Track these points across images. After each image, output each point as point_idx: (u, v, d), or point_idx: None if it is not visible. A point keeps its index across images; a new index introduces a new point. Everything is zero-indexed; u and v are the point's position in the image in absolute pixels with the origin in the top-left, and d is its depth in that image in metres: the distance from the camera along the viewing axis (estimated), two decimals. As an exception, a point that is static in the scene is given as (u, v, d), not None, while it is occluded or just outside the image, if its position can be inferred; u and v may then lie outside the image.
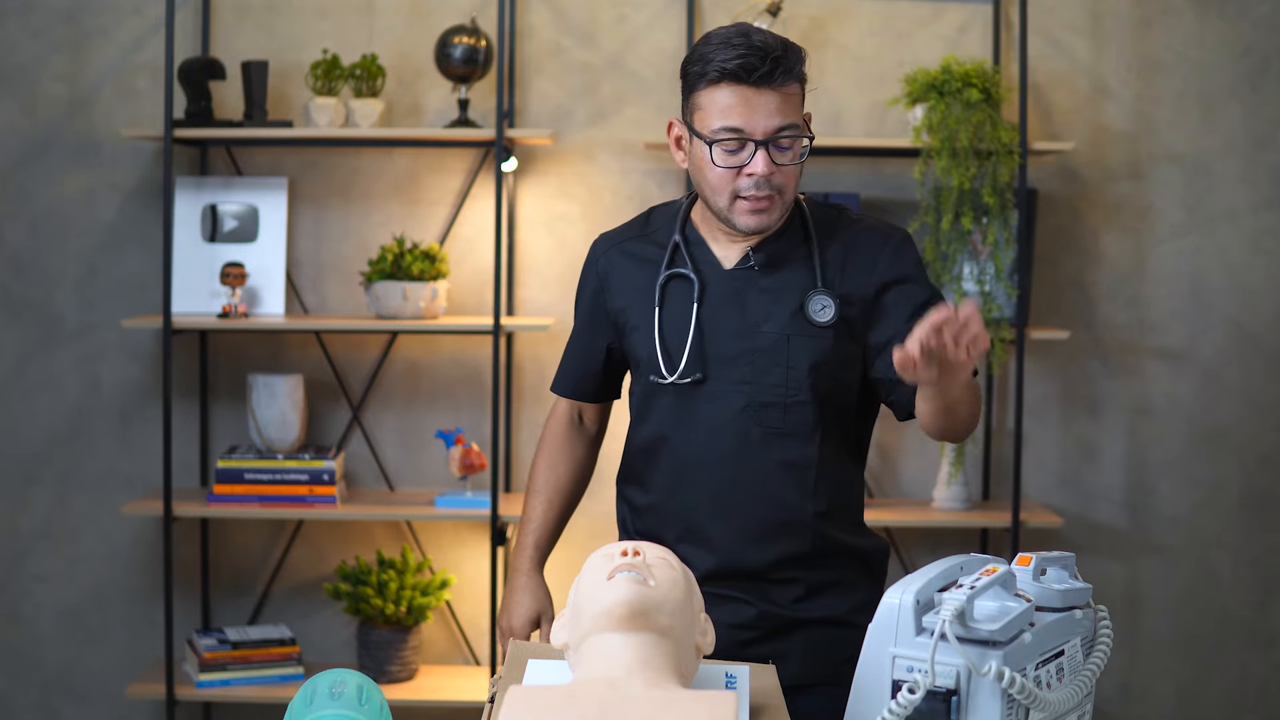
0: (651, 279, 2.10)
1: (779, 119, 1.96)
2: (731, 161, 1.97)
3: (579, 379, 2.23)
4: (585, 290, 2.20)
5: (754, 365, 2.04)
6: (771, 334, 2.03)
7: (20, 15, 3.59)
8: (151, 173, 3.61)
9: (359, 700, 1.60)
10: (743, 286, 2.06)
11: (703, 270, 2.08)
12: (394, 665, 3.48)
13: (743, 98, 1.95)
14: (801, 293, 2.04)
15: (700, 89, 1.98)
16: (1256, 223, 3.68)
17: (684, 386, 2.05)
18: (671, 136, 2.07)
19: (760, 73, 1.94)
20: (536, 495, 2.26)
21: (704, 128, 1.98)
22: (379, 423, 3.67)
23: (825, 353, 2.03)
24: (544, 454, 2.28)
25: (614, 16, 3.62)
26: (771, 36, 1.98)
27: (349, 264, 3.64)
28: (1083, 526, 3.71)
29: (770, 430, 2.04)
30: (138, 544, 3.68)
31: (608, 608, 1.44)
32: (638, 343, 2.10)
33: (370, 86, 3.49)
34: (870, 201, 3.61)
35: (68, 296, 3.64)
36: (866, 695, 1.50)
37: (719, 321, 2.05)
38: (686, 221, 2.12)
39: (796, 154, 1.99)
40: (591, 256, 2.19)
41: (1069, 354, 3.68)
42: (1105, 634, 1.62)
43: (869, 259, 2.06)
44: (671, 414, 2.07)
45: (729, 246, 2.08)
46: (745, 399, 2.04)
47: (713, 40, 1.98)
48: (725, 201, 2.00)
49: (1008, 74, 3.60)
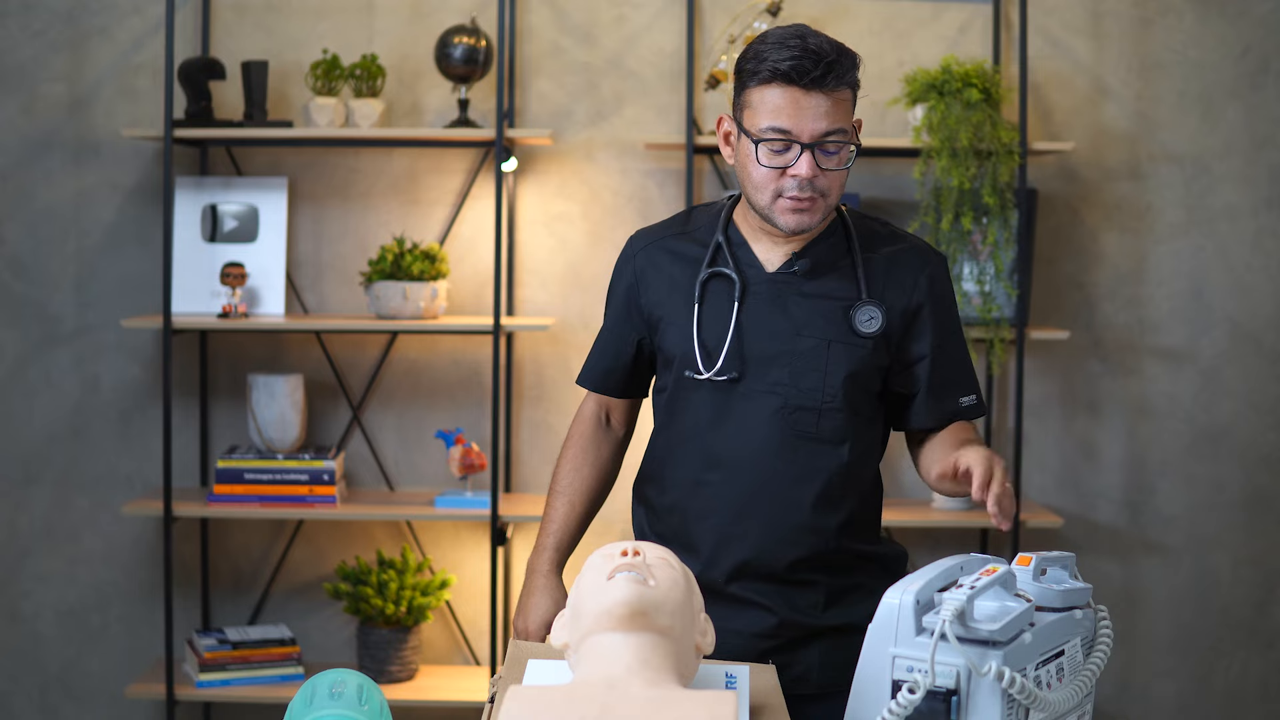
0: (691, 276, 2.10)
1: (826, 123, 1.97)
2: (777, 161, 1.98)
3: (606, 372, 2.22)
4: (619, 284, 2.19)
5: (792, 368, 2.04)
6: (812, 339, 2.05)
7: (20, 15, 3.59)
8: (151, 173, 3.61)
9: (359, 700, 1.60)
10: (785, 290, 2.07)
11: (745, 271, 2.08)
12: (394, 665, 3.48)
13: (792, 99, 1.96)
14: (843, 301, 2.06)
15: (751, 87, 1.99)
16: (1256, 223, 3.68)
17: (719, 384, 2.06)
18: (721, 132, 2.08)
19: (812, 76, 1.95)
20: (559, 496, 2.23)
21: (752, 126, 1.99)
22: (379, 423, 3.67)
23: (862, 362, 2.05)
24: (569, 454, 2.25)
25: (614, 16, 3.62)
26: (828, 41, 1.99)
27: (349, 264, 3.64)
28: (1083, 526, 3.71)
29: (802, 434, 2.05)
30: (138, 544, 3.68)
31: (608, 607, 1.44)
32: (673, 338, 2.10)
33: (370, 86, 3.49)
34: (870, 201, 3.61)
35: (67, 296, 3.64)
36: (867, 695, 1.50)
37: (760, 322, 2.06)
38: (729, 222, 2.13)
39: (843, 159, 2.00)
40: (628, 252, 2.19)
41: (1069, 354, 3.68)
42: (1105, 634, 1.62)
43: (910, 277, 2.09)
44: (704, 411, 2.07)
45: (772, 249, 2.08)
46: (781, 401, 2.04)
47: (769, 39, 1.99)
48: (767, 200, 2.00)
49: (1008, 74, 3.60)
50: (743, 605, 2.05)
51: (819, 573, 2.06)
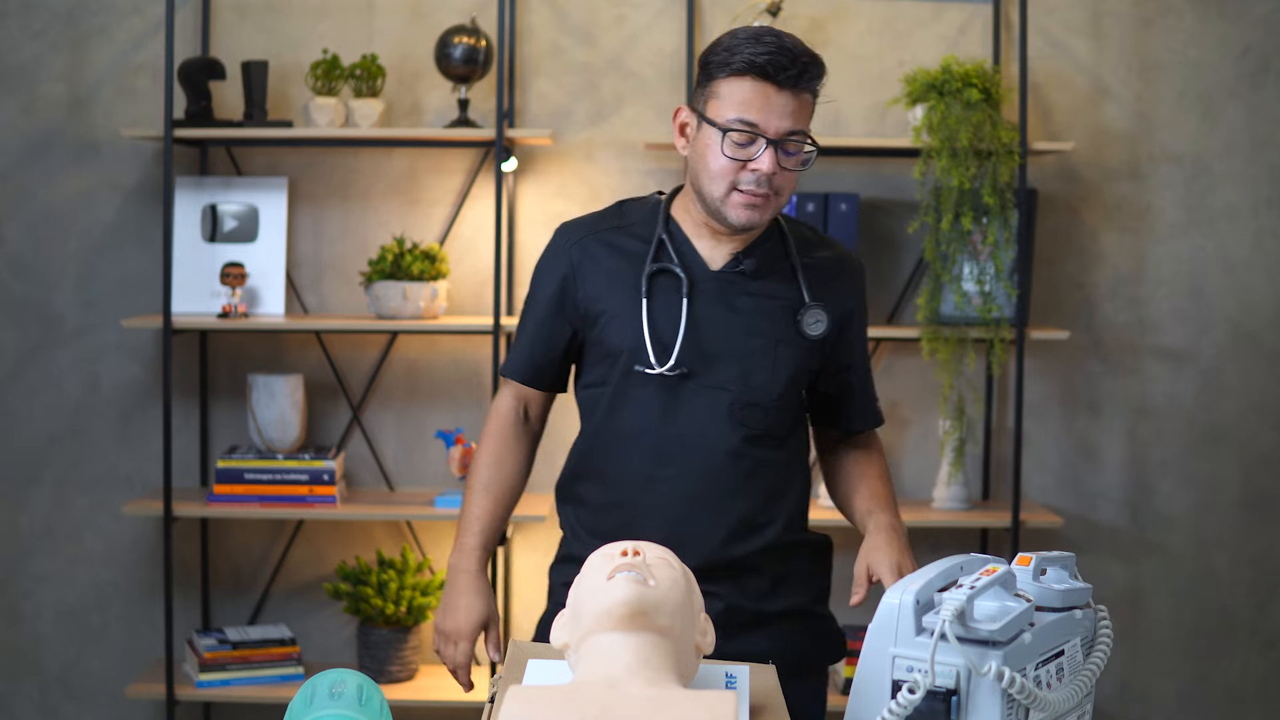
0: (633, 270, 2.10)
1: (791, 122, 2.00)
2: (740, 154, 1.99)
3: (537, 366, 2.19)
4: (550, 276, 2.16)
5: (742, 366, 2.07)
6: (761, 339, 2.08)
7: (20, 15, 3.59)
8: (151, 173, 3.61)
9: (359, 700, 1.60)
10: (731, 289, 2.09)
11: (689, 268, 2.09)
12: (394, 665, 3.48)
13: (763, 94, 1.98)
14: (787, 302, 2.11)
15: (721, 78, 2.00)
16: (1256, 223, 3.68)
17: (668, 380, 2.07)
18: (677, 122, 2.09)
19: (787, 73, 1.98)
20: (483, 493, 2.20)
21: (718, 116, 2.00)
22: (379, 423, 3.67)
23: (803, 364, 2.12)
24: (489, 449, 2.22)
25: (614, 16, 3.62)
26: (800, 43, 2.02)
27: (349, 264, 3.64)
28: (1083, 526, 3.71)
29: (752, 431, 2.08)
30: (138, 544, 3.68)
31: (608, 607, 1.44)
32: (618, 332, 2.09)
33: (370, 86, 3.49)
34: (870, 201, 3.61)
35: (68, 296, 3.64)
36: (866, 695, 1.50)
37: (709, 319, 2.08)
38: (669, 218, 2.14)
39: (800, 160, 2.03)
40: (560, 243, 2.17)
41: (1069, 354, 3.68)
42: (1105, 634, 1.62)
43: (843, 284, 2.17)
44: (653, 406, 2.08)
45: (714, 248, 2.10)
46: (731, 397, 2.07)
47: (740, 35, 2.01)
48: (722, 192, 2.02)
49: (1008, 74, 3.60)
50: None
51: (764, 562, 2.11)
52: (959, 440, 3.47)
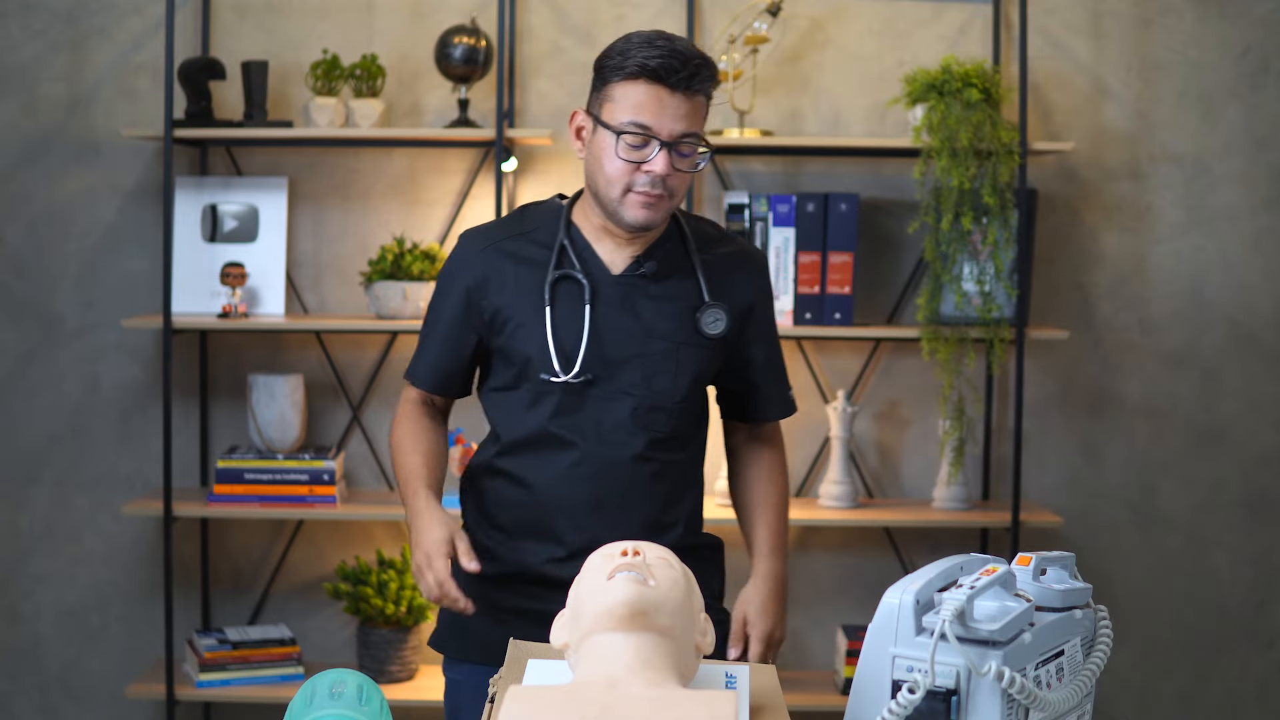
0: (536, 278, 2.14)
1: (684, 124, 2.05)
2: (634, 156, 2.04)
3: (445, 375, 2.24)
4: (455, 285, 2.19)
5: (644, 370, 2.12)
6: (663, 342, 2.13)
7: (20, 15, 3.59)
8: (151, 173, 3.61)
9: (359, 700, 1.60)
10: (632, 293, 2.13)
11: (592, 274, 2.14)
12: (394, 665, 3.48)
13: (656, 97, 2.03)
14: (688, 303, 2.15)
15: (615, 82, 2.05)
16: (1256, 223, 3.68)
17: (574, 386, 2.11)
18: (573, 126, 2.13)
19: (679, 76, 2.03)
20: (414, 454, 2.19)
21: (612, 119, 2.05)
22: (379, 423, 3.67)
23: (707, 363, 2.17)
24: (406, 428, 2.24)
25: (614, 16, 3.62)
26: (693, 46, 2.07)
27: (349, 264, 3.64)
28: (1083, 526, 3.71)
29: (656, 434, 2.13)
30: (138, 544, 3.68)
31: (608, 607, 1.44)
32: (523, 341, 2.13)
33: (370, 86, 3.49)
34: (870, 201, 3.62)
35: (68, 296, 3.64)
36: (866, 695, 1.50)
37: (611, 325, 2.12)
38: (570, 223, 2.17)
39: (693, 162, 2.08)
40: (464, 253, 2.19)
41: (1069, 354, 3.68)
42: (1105, 634, 1.62)
43: (743, 279, 2.21)
44: (560, 411, 2.12)
45: (615, 252, 2.15)
46: (635, 402, 2.12)
47: (634, 39, 2.06)
48: (618, 193, 2.06)
49: (1008, 74, 3.60)
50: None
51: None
52: (959, 440, 3.47)
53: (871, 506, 3.58)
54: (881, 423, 3.69)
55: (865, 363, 3.67)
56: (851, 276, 3.45)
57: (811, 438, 3.67)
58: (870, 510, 3.53)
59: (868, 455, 3.69)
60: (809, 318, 3.46)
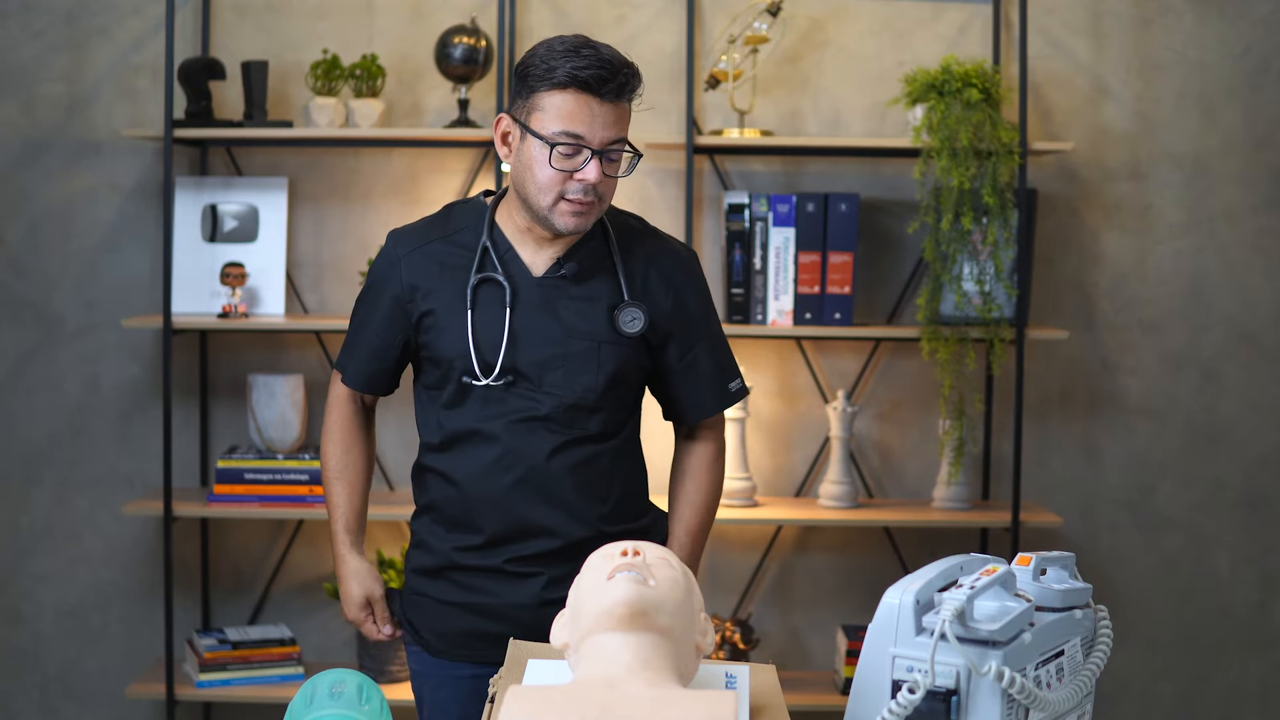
0: (459, 282, 2.17)
1: (614, 131, 2.08)
2: (566, 165, 2.06)
3: (372, 374, 2.30)
4: (383, 287, 2.24)
5: (565, 370, 2.15)
6: (584, 342, 2.16)
7: (20, 15, 3.59)
8: (151, 173, 3.62)
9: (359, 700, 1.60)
10: (553, 294, 2.17)
11: (513, 276, 2.17)
12: (394, 665, 3.48)
13: (586, 106, 2.05)
14: (608, 302, 2.17)
15: (543, 90, 2.06)
16: (1256, 223, 3.68)
17: (495, 388, 2.15)
18: (498, 132, 2.15)
19: (610, 86, 2.05)
20: (338, 481, 2.34)
21: (542, 128, 2.06)
22: (379, 423, 3.67)
23: (627, 361, 2.19)
24: (336, 439, 2.34)
25: (614, 16, 3.62)
26: (616, 52, 2.09)
27: (349, 264, 3.64)
28: (1083, 526, 3.71)
29: (576, 431, 2.17)
30: (138, 544, 3.68)
31: (608, 607, 1.44)
32: (446, 343, 2.17)
33: (370, 86, 3.49)
34: (870, 201, 3.62)
35: (68, 296, 3.64)
36: (866, 695, 1.50)
37: (532, 327, 2.15)
38: (493, 225, 2.19)
39: (623, 167, 2.11)
40: (390, 255, 2.23)
41: (1069, 354, 3.68)
42: (1105, 634, 1.62)
43: (666, 277, 2.22)
44: (484, 410, 2.17)
45: (537, 253, 2.18)
46: (556, 401, 2.16)
47: (557, 47, 2.07)
48: (549, 201, 2.09)
49: (1008, 74, 3.60)
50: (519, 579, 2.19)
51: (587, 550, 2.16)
52: (959, 440, 3.47)
53: (871, 506, 3.58)
54: (881, 423, 3.69)
55: (865, 363, 3.67)
56: (851, 276, 3.45)
57: (811, 438, 3.67)
58: (870, 510, 3.53)
59: (868, 455, 3.69)
60: (809, 318, 3.46)
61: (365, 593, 2.33)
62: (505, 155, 2.14)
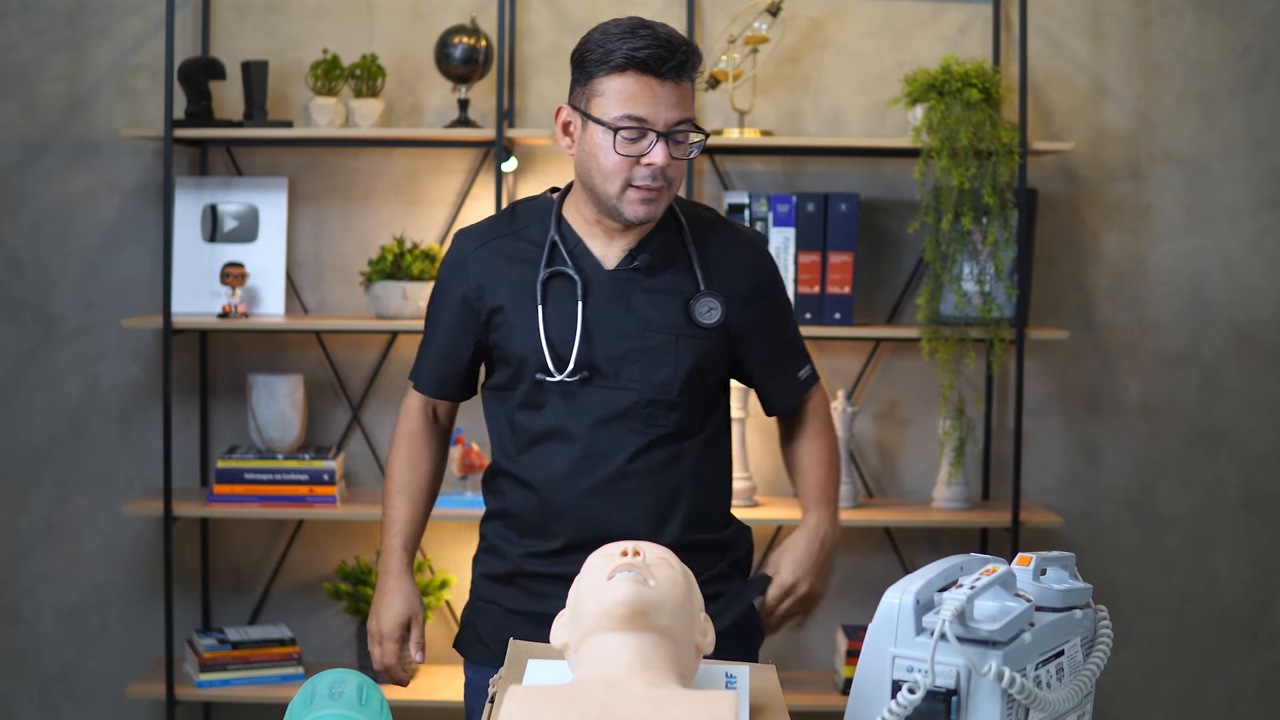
0: (528, 277, 2.11)
1: (679, 112, 2.01)
2: (631, 150, 2.00)
3: (444, 378, 2.24)
4: (452, 289, 2.18)
5: (642, 364, 2.08)
6: (660, 335, 2.09)
7: (20, 15, 3.59)
8: (151, 173, 3.62)
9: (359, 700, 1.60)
10: (626, 287, 2.10)
11: (584, 269, 2.10)
12: (394, 665, 3.48)
13: (647, 88, 1.99)
14: (683, 294, 2.11)
15: (601, 75, 2.01)
16: (1256, 223, 3.68)
17: (570, 384, 2.09)
18: (559, 122, 2.09)
19: (669, 65, 1.99)
20: (400, 495, 2.26)
21: (604, 114, 2.01)
22: (379, 423, 3.67)
23: (705, 354, 2.12)
24: (403, 452, 2.28)
25: (614, 16, 3.61)
26: (674, 31, 2.03)
27: (349, 264, 3.64)
28: (1083, 526, 3.71)
29: (657, 428, 2.10)
30: (138, 544, 3.68)
31: (608, 607, 1.44)
32: (519, 340, 2.11)
33: (370, 86, 3.49)
34: (870, 201, 3.61)
35: (68, 296, 3.64)
36: (866, 695, 1.50)
37: (606, 320, 2.09)
38: (560, 219, 2.14)
39: (689, 149, 2.04)
40: (458, 255, 2.18)
41: (1069, 354, 3.68)
42: (1105, 634, 1.62)
43: (740, 265, 2.16)
44: (559, 409, 2.10)
45: (608, 245, 2.11)
46: (635, 396, 2.09)
47: (613, 30, 2.02)
48: (616, 189, 2.03)
49: (1008, 74, 3.60)
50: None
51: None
52: (959, 440, 3.47)
53: (871, 506, 3.58)
54: (881, 423, 3.69)
55: (865, 363, 3.67)
56: (851, 276, 3.45)
57: (811, 438, 3.67)
58: (870, 510, 3.53)
59: (868, 455, 3.69)
60: (809, 318, 3.46)
61: (410, 613, 2.22)
62: (567, 146, 2.08)
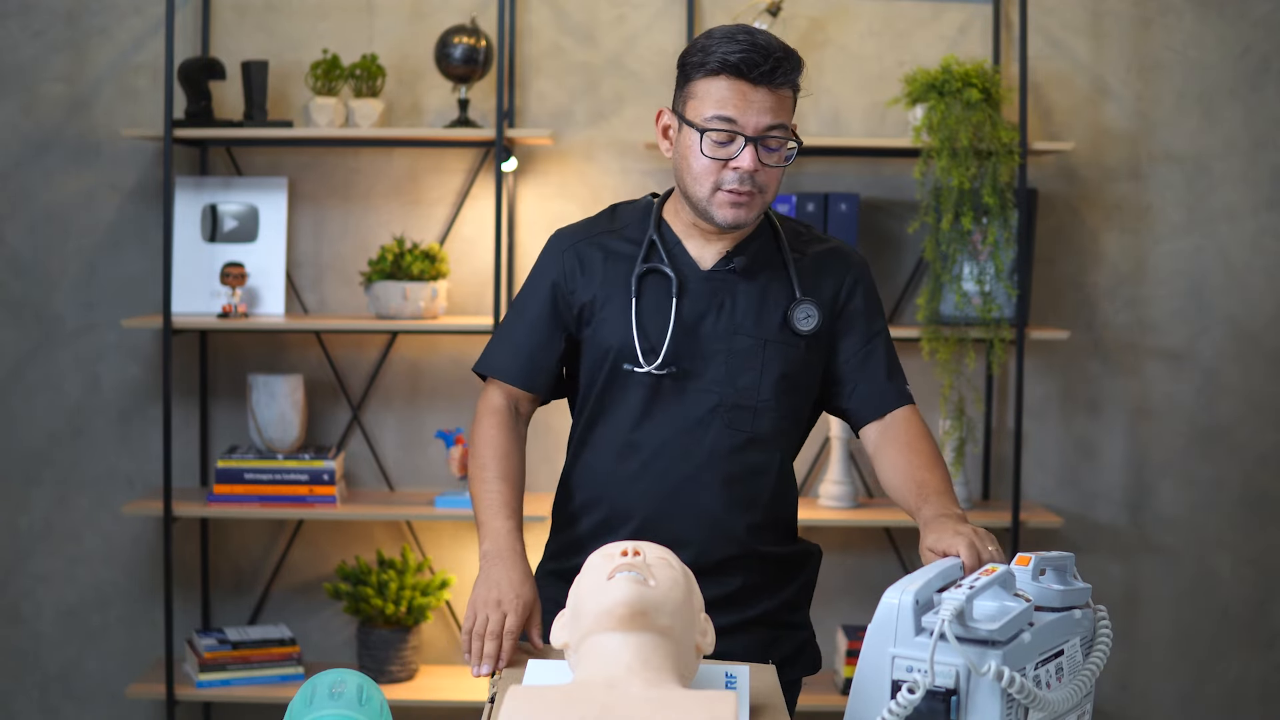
0: (624, 272, 2.10)
1: (770, 118, 1.99)
2: (720, 153, 1.99)
3: (533, 371, 2.14)
4: (543, 280, 2.16)
5: (730, 366, 2.07)
6: (749, 338, 2.08)
7: (20, 15, 3.59)
8: (151, 173, 3.62)
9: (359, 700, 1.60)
10: (721, 288, 2.09)
11: (681, 268, 2.10)
12: (394, 665, 3.48)
13: (739, 91, 1.98)
14: (778, 300, 2.09)
15: (697, 78, 2.01)
16: (1256, 223, 3.68)
17: (657, 379, 2.07)
18: (659, 125, 2.10)
19: (761, 70, 1.98)
20: (502, 481, 2.08)
21: (696, 116, 2.00)
22: (379, 423, 3.67)
23: (796, 362, 2.09)
24: (492, 444, 2.11)
25: (614, 16, 3.62)
26: (775, 39, 2.02)
27: (349, 264, 3.64)
28: (1083, 526, 3.71)
29: (738, 433, 2.07)
30: (138, 544, 3.68)
31: (608, 608, 1.44)
32: (608, 331, 2.09)
33: (370, 86, 3.49)
34: (870, 201, 3.62)
35: (68, 296, 3.64)
36: (866, 695, 1.50)
37: (698, 319, 2.08)
38: (660, 220, 2.14)
39: (783, 156, 2.03)
40: (555, 249, 2.16)
41: (1069, 354, 3.68)
42: (1105, 634, 1.62)
43: (838, 277, 2.14)
44: (640, 405, 2.08)
45: (705, 247, 2.10)
46: (718, 398, 2.06)
47: (715, 34, 2.02)
48: (706, 192, 2.02)
49: (1008, 74, 3.60)
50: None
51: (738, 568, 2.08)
52: (959, 440, 3.47)
53: (871, 506, 3.58)
54: (881, 423, 3.69)
55: (865, 363, 3.67)
56: (851, 276, 3.45)
57: (811, 438, 3.66)
58: (870, 510, 3.53)
59: (868, 455, 3.69)
60: (809, 318, 3.45)
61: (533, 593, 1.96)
62: (666, 150, 2.08)
